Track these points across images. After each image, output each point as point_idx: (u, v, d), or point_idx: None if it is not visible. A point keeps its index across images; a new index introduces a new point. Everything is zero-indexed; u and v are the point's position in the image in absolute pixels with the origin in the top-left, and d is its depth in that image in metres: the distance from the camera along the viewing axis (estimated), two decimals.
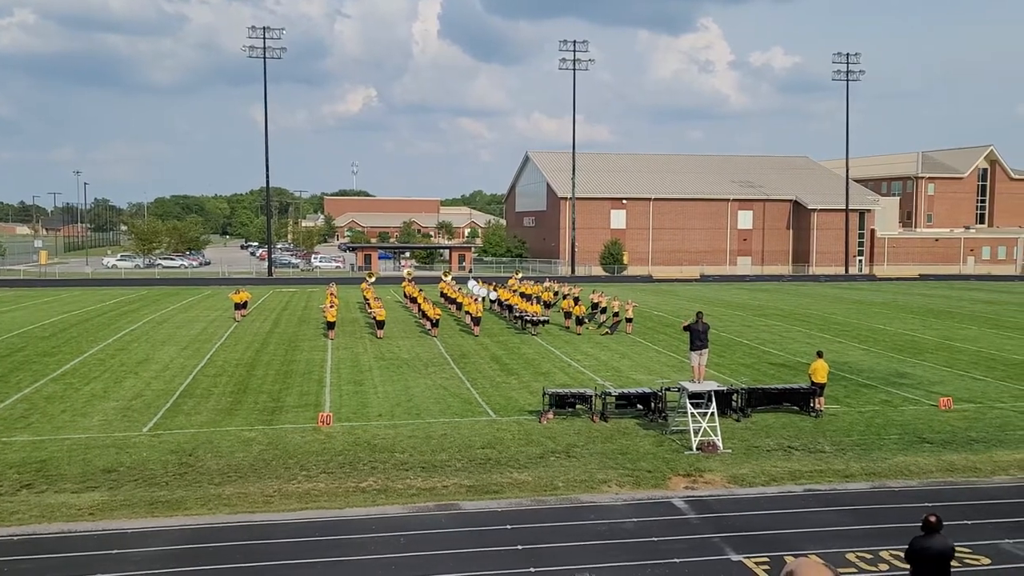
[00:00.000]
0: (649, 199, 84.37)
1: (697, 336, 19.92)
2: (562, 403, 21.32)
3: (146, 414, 21.41)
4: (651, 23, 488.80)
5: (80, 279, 70.22)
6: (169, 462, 17.28)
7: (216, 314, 44.31)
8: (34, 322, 40.34)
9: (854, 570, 12.31)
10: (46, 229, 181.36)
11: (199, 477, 16.35)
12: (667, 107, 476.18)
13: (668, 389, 21.14)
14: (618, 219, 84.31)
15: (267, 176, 77.78)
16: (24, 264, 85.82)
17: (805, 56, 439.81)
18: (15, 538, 13.34)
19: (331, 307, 36.56)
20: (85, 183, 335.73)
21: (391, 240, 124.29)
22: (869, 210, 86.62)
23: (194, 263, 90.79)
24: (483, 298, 44.14)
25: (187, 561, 12.53)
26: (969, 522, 14.19)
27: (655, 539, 13.44)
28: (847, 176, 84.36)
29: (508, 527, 13.97)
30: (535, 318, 37.11)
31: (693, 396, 18.99)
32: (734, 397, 21.56)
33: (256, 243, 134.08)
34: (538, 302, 41.53)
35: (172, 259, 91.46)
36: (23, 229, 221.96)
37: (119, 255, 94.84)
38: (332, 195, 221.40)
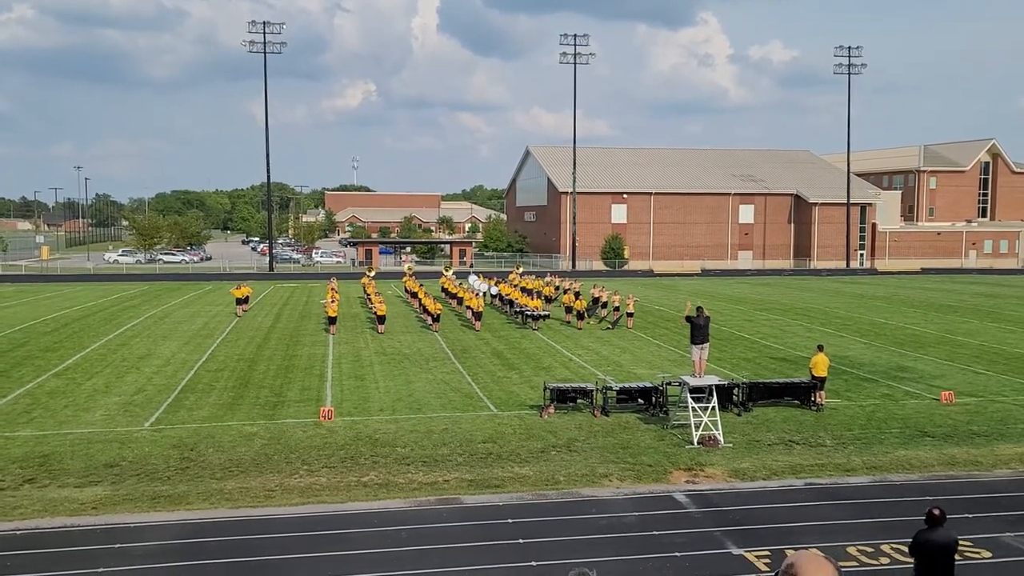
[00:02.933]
0: (650, 193, 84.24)
1: (698, 330, 19.91)
2: (563, 398, 21.33)
3: (148, 409, 21.45)
4: (649, 17, 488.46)
5: (82, 274, 70.21)
6: (171, 457, 17.31)
7: (217, 309, 44.33)
8: (36, 317, 40.38)
9: (855, 564, 12.32)
10: (47, 224, 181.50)
11: (201, 472, 16.38)
12: (666, 101, 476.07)
13: (669, 383, 21.14)
14: (619, 213, 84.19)
15: (268, 171, 77.75)
16: (26, 259, 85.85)
17: (804, 50, 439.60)
18: (18, 532, 13.38)
19: (332, 302, 36.57)
20: (86, 178, 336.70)
21: (392, 235, 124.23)
22: (870, 204, 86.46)
23: (195, 258, 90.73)
24: (484, 293, 44.16)
25: (189, 555, 12.56)
26: (970, 515, 14.20)
27: (656, 533, 13.46)
28: (848, 170, 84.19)
29: (509, 521, 14.00)
30: (536, 313, 37.11)
31: (694, 390, 19.00)
32: (735, 391, 21.57)
33: (257, 238, 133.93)
34: (539, 297, 41.56)
35: (173, 254, 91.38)
36: (24, 224, 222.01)
37: (120, 250, 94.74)
38: (333, 190, 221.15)
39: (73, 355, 29.45)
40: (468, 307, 38.57)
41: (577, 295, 40.45)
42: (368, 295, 43.51)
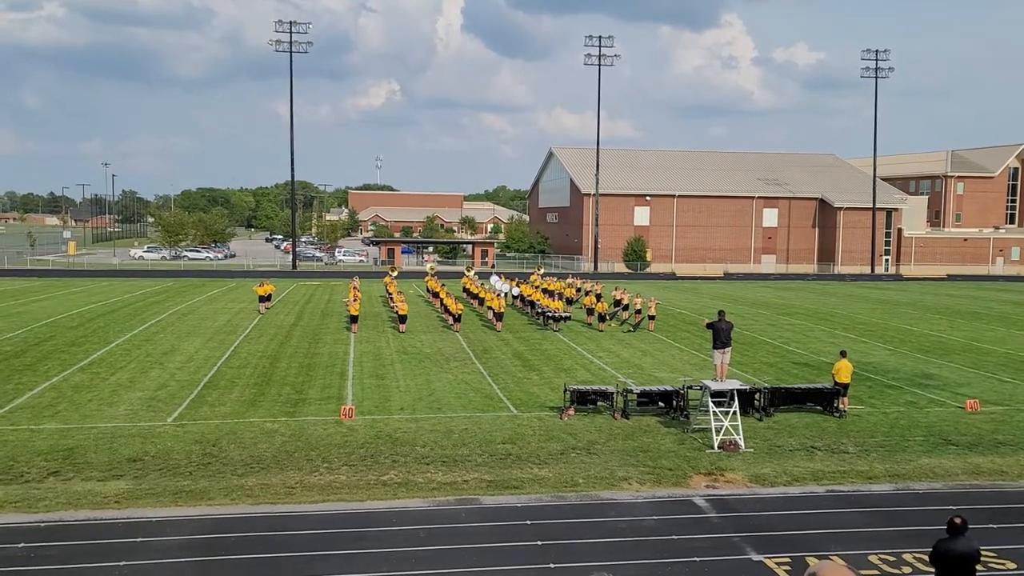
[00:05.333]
0: (673, 196, 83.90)
1: (720, 334, 19.81)
2: (583, 400, 21.28)
3: (171, 404, 21.66)
4: (674, 19, 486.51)
5: (108, 270, 71.08)
6: (193, 452, 17.46)
7: (241, 306, 44.69)
8: (62, 312, 40.92)
9: (877, 572, 12.18)
10: (75, 220, 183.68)
11: (222, 468, 16.51)
12: (690, 103, 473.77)
13: (690, 387, 21.03)
14: (642, 216, 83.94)
15: (292, 169, 78.17)
16: (53, 254, 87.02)
17: (830, 52, 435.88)
18: (42, 524, 13.55)
19: (354, 301, 36.74)
20: (113, 175, 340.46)
21: (414, 235, 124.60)
22: (896, 209, 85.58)
23: (219, 255, 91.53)
24: (505, 293, 44.15)
25: (210, 550, 12.66)
26: (995, 526, 14.01)
27: (675, 537, 13.39)
28: (875, 174, 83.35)
29: (528, 522, 13.98)
30: (557, 314, 37.07)
31: (715, 395, 18.88)
32: (757, 396, 21.42)
33: (281, 236, 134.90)
34: (560, 298, 41.49)
35: (198, 251, 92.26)
36: (53, 220, 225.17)
37: (146, 246, 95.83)
38: (356, 189, 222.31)
39: (98, 350, 29.80)
40: (489, 307, 38.60)
41: (598, 297, 40.38)
42: (390, 294, 43.67)
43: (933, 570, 9.54)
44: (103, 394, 22.74)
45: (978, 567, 9.64)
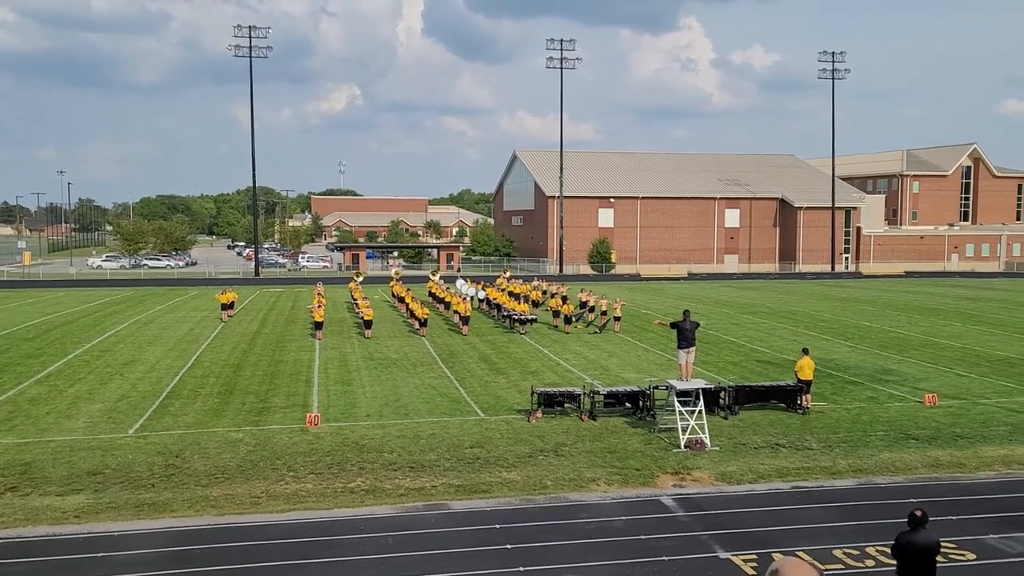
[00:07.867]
0: (637, 198, 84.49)
1: (684, 334, 19.99)
2: (551, 402, 21.33)
3: (132, 415, 21.28)
4: (633, 22, 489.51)
5: (64, 280, 69.67)
6: (155, 464, 17.18)
7: (203, 315, 44.08)
8: (18, 323, 40.02)
9: (841, 566, 12.38)
10: (29, 229, 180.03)
11: (186, 479, 16.26)
12: (650, 105, 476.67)
13: (656, 387, 21.18)
14: (606, 218, 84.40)
15: (253, 175, 77.27)
16: (7, 265, 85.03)
17: (787, 54, 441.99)
18: (0, 542, 13.22)
19: (319, 307, 36.45)
20: (69, 183, 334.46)
21: (379, 239, 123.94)
22: (855, 208, 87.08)
23: (180, 263, 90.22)
24: (471, 297, 44.12)
25: (174, 564, 12.46)
26: (954, 517, 14.30)
27: (643, 537, 13.47)
28: (833, 174, 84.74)
29: (497, 526, 13.97)
30: (523, 317, 37.12)
31: (681, 394, 19.04)
32: (722, 395, 21.64)
33: (243, 243, 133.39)
34: (526, 301, 41.56)
35: (158, 259, 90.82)
36: (6, 229, 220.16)
37: (104, 255, 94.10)
38: (319, 194, 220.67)
39: (55, 362, 29.19)
40: (455, 311, 38.53)
41: (564, 299, 40.51)
42: (355, 300, 43.39)
43: (895, 563, 9.71)
44: (61, 407, 22.27)
45: (938, 558, 9.83)
